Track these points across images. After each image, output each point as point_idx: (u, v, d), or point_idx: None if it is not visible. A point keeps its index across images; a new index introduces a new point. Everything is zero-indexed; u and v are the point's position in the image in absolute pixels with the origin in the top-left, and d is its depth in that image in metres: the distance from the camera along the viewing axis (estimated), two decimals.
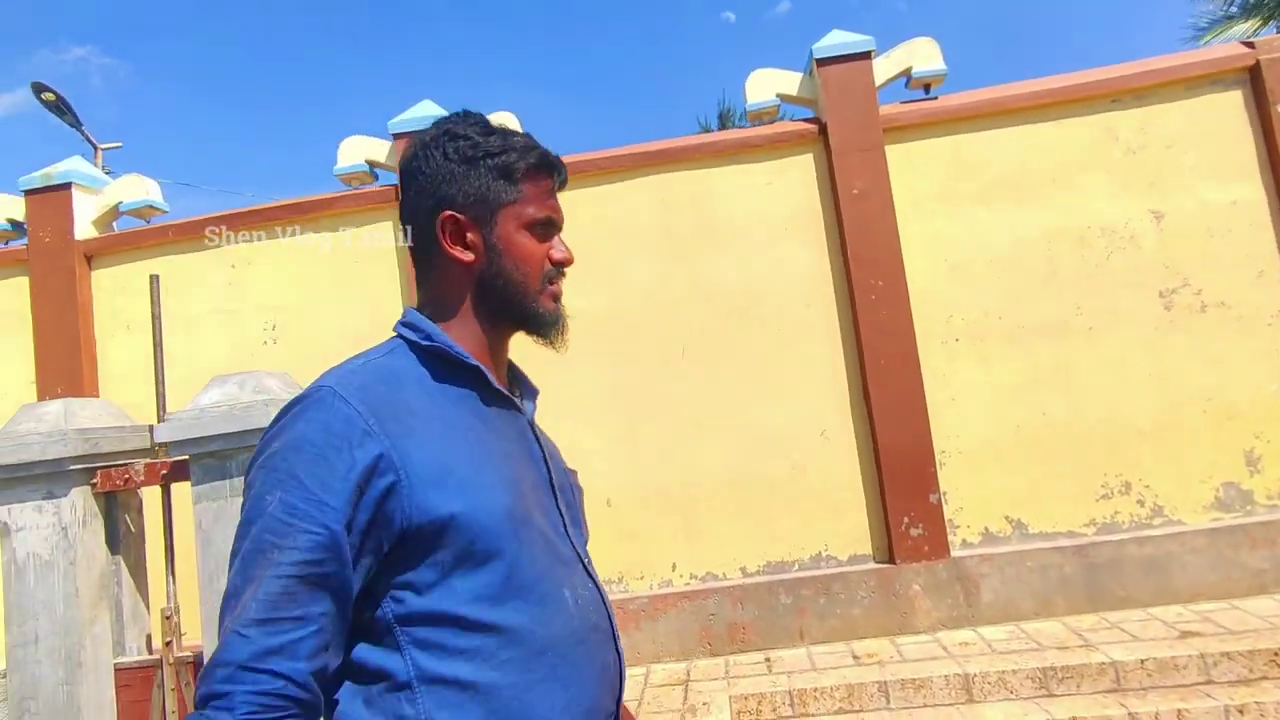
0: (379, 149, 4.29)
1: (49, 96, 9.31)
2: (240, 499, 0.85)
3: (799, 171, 4.02)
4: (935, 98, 4.06)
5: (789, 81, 4.10)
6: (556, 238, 0.90)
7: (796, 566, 3.82)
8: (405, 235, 0.90)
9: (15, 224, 4.39)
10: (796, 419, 3.90)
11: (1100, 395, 3.79)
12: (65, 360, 4.08)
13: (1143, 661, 3.05)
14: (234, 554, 0.71)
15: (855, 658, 3.48)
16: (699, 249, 4.02)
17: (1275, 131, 3.75)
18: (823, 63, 3.99)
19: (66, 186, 4.27)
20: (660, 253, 4.03)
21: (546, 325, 0.89)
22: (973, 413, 3.84)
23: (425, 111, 4.20)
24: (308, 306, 4.16)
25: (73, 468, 2.86)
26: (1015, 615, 3.66)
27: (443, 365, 0.83)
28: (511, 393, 0.91)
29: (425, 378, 0.81)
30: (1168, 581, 3.61)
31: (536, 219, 0.87)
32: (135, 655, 2.99)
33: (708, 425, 3.91)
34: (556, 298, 0.90)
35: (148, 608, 3.00)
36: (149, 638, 2.90)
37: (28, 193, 4.29)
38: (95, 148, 11.01)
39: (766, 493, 3.85)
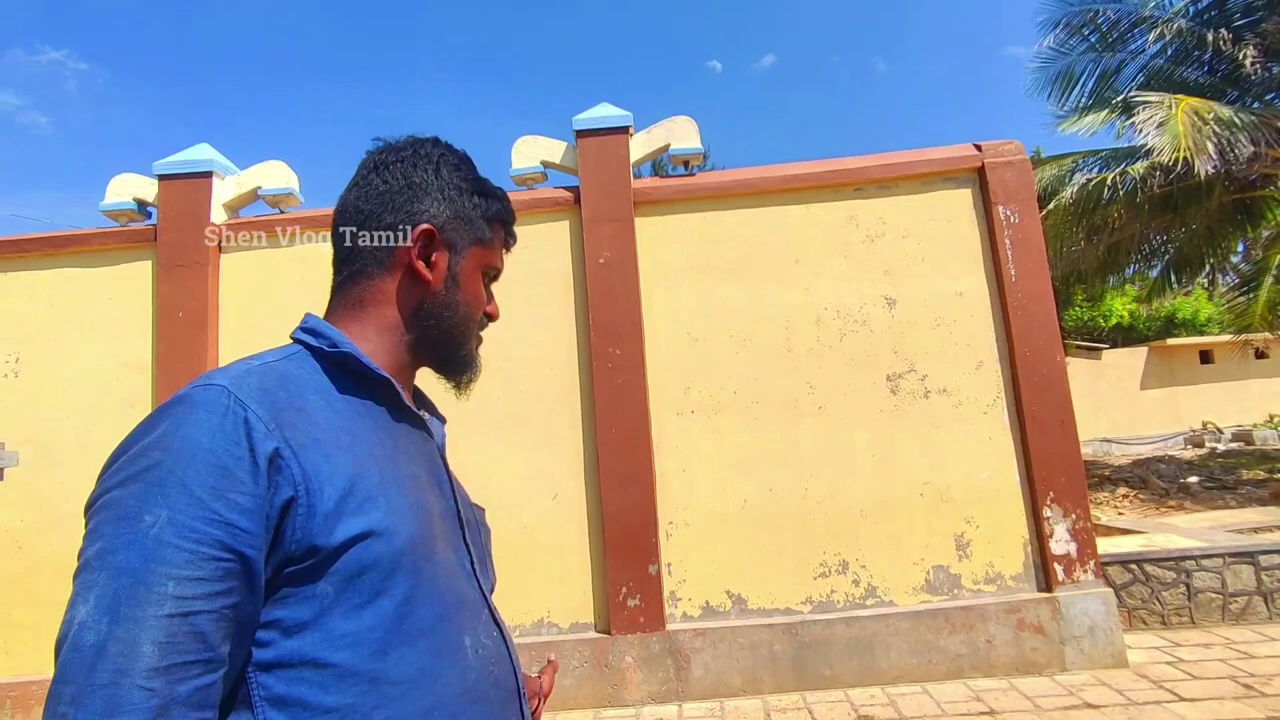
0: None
1: None
2: None
3: (555, 237, 4.09)
4: (694, 174, 4.19)
5: (554, 150, 4.20)
6: (492, 292, 0.91)
7: (518, 632, 3.78)
8: (341, 236, 0.82)
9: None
10: (532, 481, 3.90)
11: (826, 473, 3.87)
12: None
13: None
14: (88, 590, 0.56)
15: None
16: None
17: (997, 230, 3.94)
18: (582, 134, 4.10)
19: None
20: None
21: (465, 366, 0.87)
22: (702, 484, 3.88)
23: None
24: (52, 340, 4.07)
25: None
26: (724, 691, 3.66)
27: (348, 376, 0.75)
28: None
29: (328, 388, 0.72)
30: (873, 662, 3.66)
31: (493, 266, 0.88)
32: None
33: None
34: (479, 344, 0.90)
35: None
36: None
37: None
38: None
39: (495, 553, 3.82)
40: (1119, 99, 7.77)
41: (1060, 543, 3.73)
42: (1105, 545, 4.45)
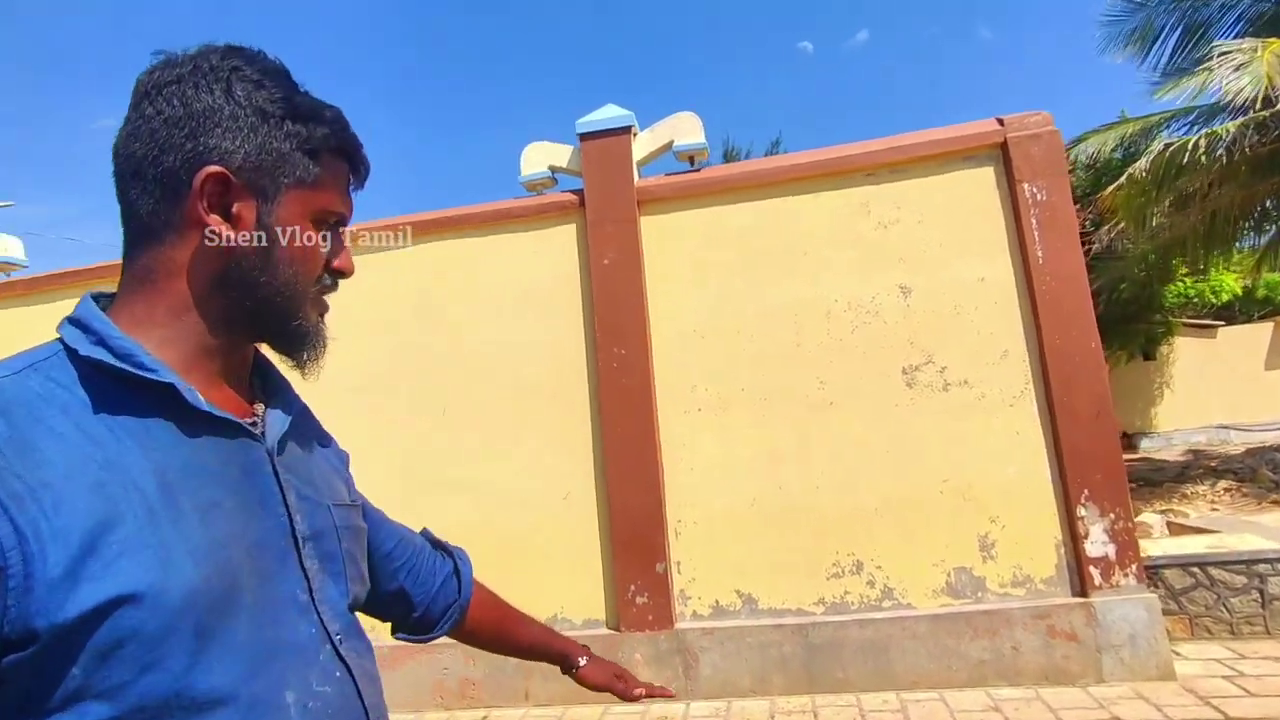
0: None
1: None
2: None
3: (561, 241, 4.16)
4: (699, 169, 4.14)
5: (560, 154, 4.26)
6: (342, 240, 0.72)
7: None
8: (119, 190, 0.65)
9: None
10: (544, 481, 3.99)
11: (838, 471, 3.75)
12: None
13: None
14: None
15: None
16: (465, 314, 4.19)
17: (1022, 209, 3.67)
18: (585, 137, 4.13)
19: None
20: (429, 316, 4.22)
21: (302, 340, 0.69)
22: (711, 483, 3.85)
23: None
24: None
25: None
26: (732, 692, 3.63)
27: (115, 383, 0.58)
28: (250, 410, 0.69)
29: (81, 403, 0.56)
30: (888, 666, 3.53)
31: (329, 211, 0.69)
32: None
33: (463, 482, 4.04)
34: (323, 311, 0.72)
35: None
36: None
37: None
38: None
39: (508, 552, 3.94)
40: (1208, 51, 6.98)
41: (1096, 544, 3.45)
42: (1167, 546, 4.08)
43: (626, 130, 4.10)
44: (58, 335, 0.61)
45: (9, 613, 0.49)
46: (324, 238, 0.69)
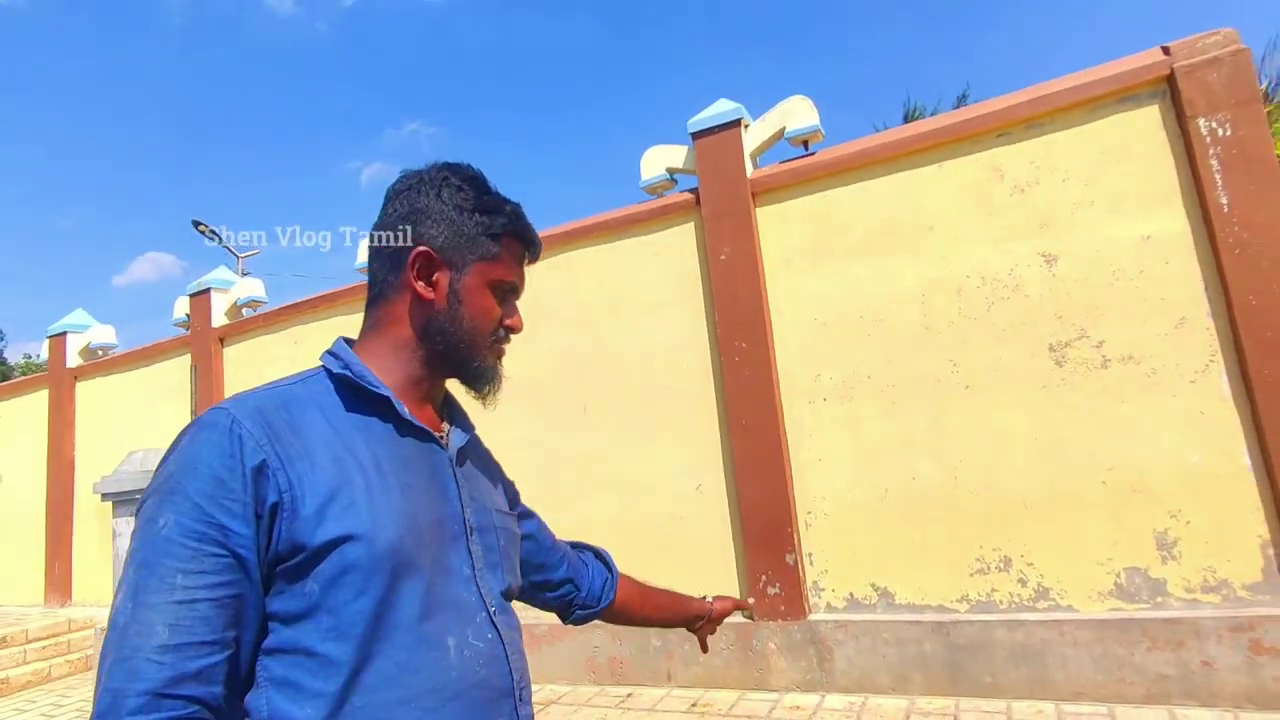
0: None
1: (202, 229, 13.04)
2: None
3: (681, 240, 4.28)
4: (814, 153, 4.04)
5: (676, 156, 4.38)
6: (514, 304, 0.94)
7: None
8: (369, 261, 0.91)
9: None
10: (677, 473, 4.16)
11: (978, 459, 3.47)
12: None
13: None
14: (123, 581, 0.68)
15: (692, 705, 3.70)
16: (599, 317, 4.48)
17: (1197, 150, 3.12)
18: (697, 135, 4.21)
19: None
20: (568, 321, 4.57)
21: (483, 378, 0.91)
22: (840, 474, 3.76)
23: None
24: None
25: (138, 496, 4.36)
26: (869, 687, 3.53)
27: (352, 394, 0.82)
28: (440, 427, 0.92)
29: (333, 405, 0.81)
30: (1045, 674, 3.21)
31: (503, 281, 0.90)
32: None
33: (603, 476, 4.35)
34: (500, 356, 0.93)
35: None
36: None
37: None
38: (237, 257, 14.51)
39: (648, 540, 4.17)
40: None
41: None
42: None
43: (736, 123, 4.12)
44: (320, 362, 0.87)
45: (282, 534, 0.71)
46: (501, 301, 0.91)
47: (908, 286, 3.69)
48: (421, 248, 0.85)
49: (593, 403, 4.45)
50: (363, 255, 5.45)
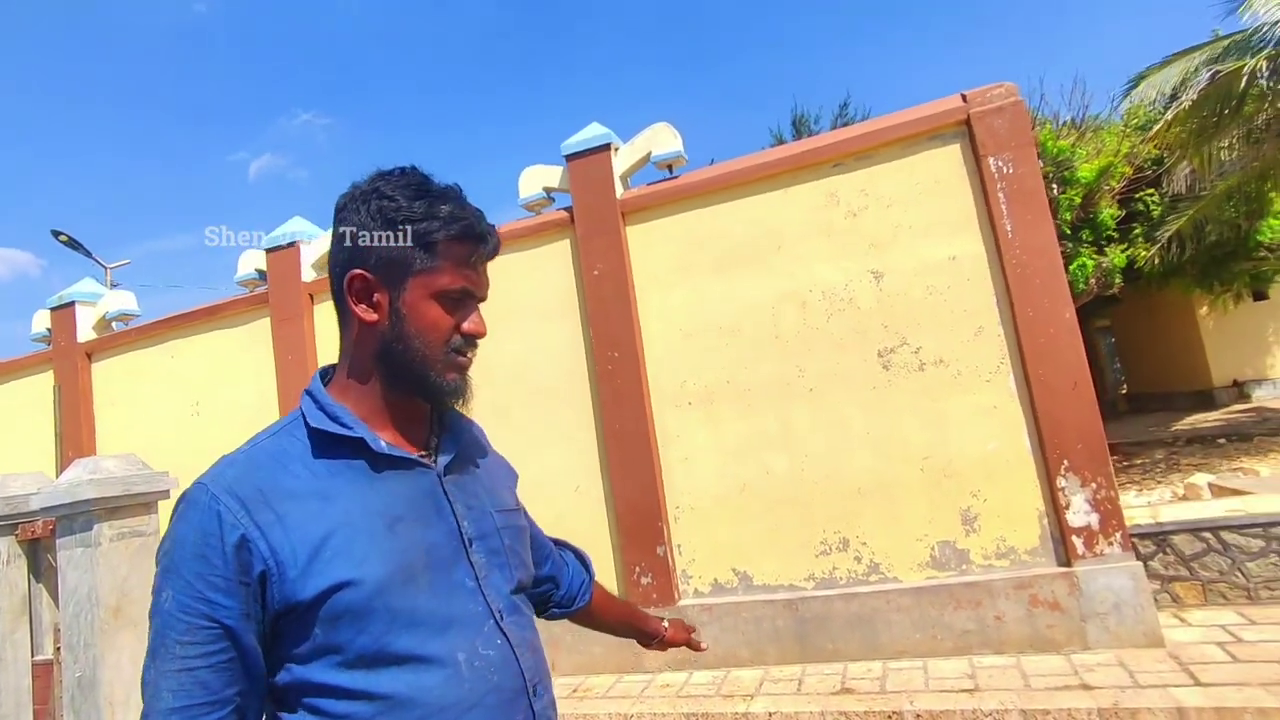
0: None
1: (63, 238, 12.18)
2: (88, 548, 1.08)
3: (558, 256, 4.53)
4: (677, 176, 4.38)
5: (552, 176, 4.61)
6: (472, 308, 0.89)
7: None
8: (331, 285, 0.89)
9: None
10: (558, 475, 4.41)
11: (822, 454, 3.93)
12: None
13: (770, 714, 3.29)
14: (148, 644, 0.76)
15: (573, 690, 3.97)
16: (489, 327, 4.64)
17: (989, 184, 3.68)
18: (570, 157, 4.47)
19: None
20: None
21: (443, 395, 0.88)
22: (703, 471, 4.14)
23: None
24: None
25: (2, 524, 4.14)
26: (731, 662, 3.93)
27: (325, 438, 0.83)
28: (429, 444, 0.91)
29: (310, 452, 0.81)
30: (874, 638, 3.71)
31: (448, 290, 0.85)
32: (46, 654, 4.25)
33: None
34: (461, 369, 0.89)
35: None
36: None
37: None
38: (105, 269, 13.73)
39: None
40: None
41: (1079, 514, 3.47)
42: (1178, 511, 3.97)
43: (607, 147, 4.40)
44: (298, 406, 0.87)
45: (275, 596, 0.76)
46: (455, 309, 0.87)
47: (760, 300, 4.10)
48: (355, 271, 0.84)
49: (482, 410, 4.57)
50: (242, 269, 5.36)
